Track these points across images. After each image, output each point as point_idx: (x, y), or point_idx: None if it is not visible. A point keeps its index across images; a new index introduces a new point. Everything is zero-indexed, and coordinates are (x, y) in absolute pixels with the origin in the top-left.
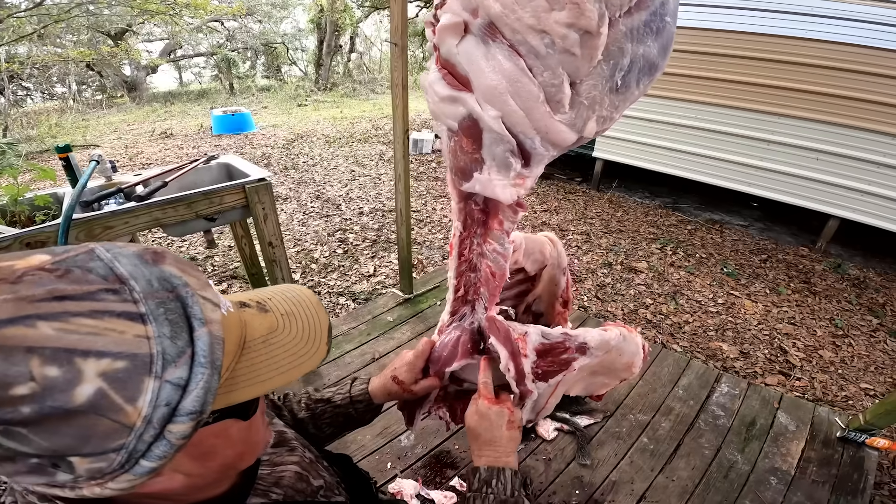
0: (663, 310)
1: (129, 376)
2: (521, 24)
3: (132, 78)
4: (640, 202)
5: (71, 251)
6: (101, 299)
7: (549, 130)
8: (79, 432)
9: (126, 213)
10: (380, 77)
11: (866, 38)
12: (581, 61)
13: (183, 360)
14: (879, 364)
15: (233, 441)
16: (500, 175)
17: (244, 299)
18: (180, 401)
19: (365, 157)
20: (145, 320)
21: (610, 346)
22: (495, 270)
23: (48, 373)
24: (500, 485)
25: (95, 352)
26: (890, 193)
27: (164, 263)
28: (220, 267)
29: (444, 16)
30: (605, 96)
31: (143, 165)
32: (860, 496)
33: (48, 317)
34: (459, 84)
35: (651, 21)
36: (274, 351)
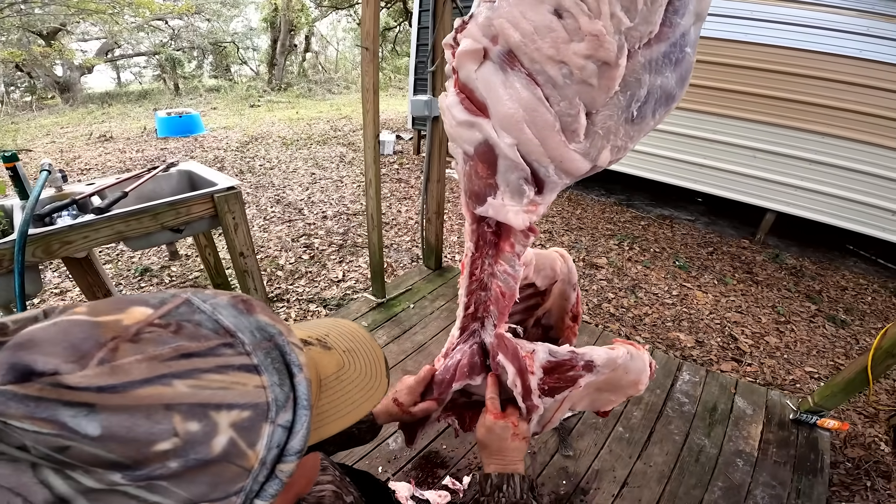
0: (624, 303)
1: (253, 424)
2: (540, 54)
3: (65, 78)
4: (596, 199)
5: (169, 302)
6: (221, 354)
7: (563, 159)
8: (211, 480)
9: (86, 226)
10: (336, 77)
11: (794, 41)
12: (598, 92)
13: (289, 404)
14: (820, 348)
15: (307, 470)
16: (514, 201)
17: (304, 336)
18: (287, 442)
19: (325, 159)
20: (259, 371)
21: (616, 365)
22: (505, 291)
23: (189, 427)
24: (511, 489)
25: (226, 405)
26: (820, 188)
27: (257, 313)
28: (178, 277)
29: (464, 41)
30: (621, 126)
31: (81, 171)
32: (819, 475)
33: (181, 375)
34: (477, 109)
35: (670, 52)
36: (346, 387)
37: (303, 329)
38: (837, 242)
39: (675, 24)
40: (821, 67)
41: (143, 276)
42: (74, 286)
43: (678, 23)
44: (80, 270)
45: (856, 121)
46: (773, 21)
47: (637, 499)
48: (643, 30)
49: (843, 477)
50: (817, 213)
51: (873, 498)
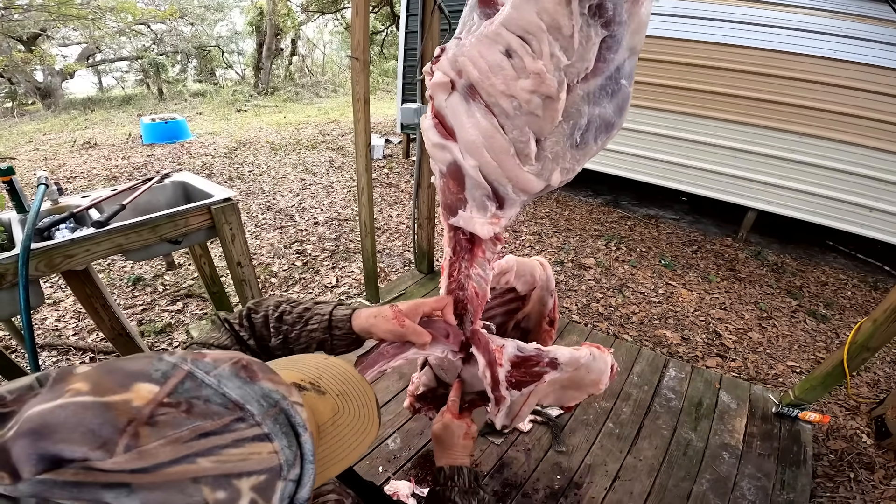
0: (612, 303)
1: (269, 484)
2: (494, 89)
3: (46, 84)
4: (584, 201)
5: (172, 377)
6: (235, 429)
7: (518, 179)
8: None
9: (87, 240)
10: (323, 80)
11: (772, 43)
12: (544, 122)
13: (297, 461)
14: (802, 343)
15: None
16: (480, 214)
17: (297, 380)
18: (296, 492)
19: (314, 164)
20: (271, 439)
21: (579, 364)
22: (479, 291)
23: (218, 496)
24: (462, 479)
25: (246, 472)
26: (800, 186)
27: (259, 380)
28: (172, 286)
29: (436, 72)
30: (567, 151)
31: (67, 179)
32: (803, 467)
33: (203, 453)
34: (447, 133)
35: (606, 85)
36: (342, 431)
37: (294, 371)
38: (818, 239)
39: (609, 59)
40: (798, 69)
41: (137, 285)
42: (67, 296)
43: (612, 58)
44: (77, 282)
45: (833, 121)
46: (752, 23)
47: (628, 491)
48: (580, 66)
49: (827, 469)
50: (797, 211)
51: (857, 489)
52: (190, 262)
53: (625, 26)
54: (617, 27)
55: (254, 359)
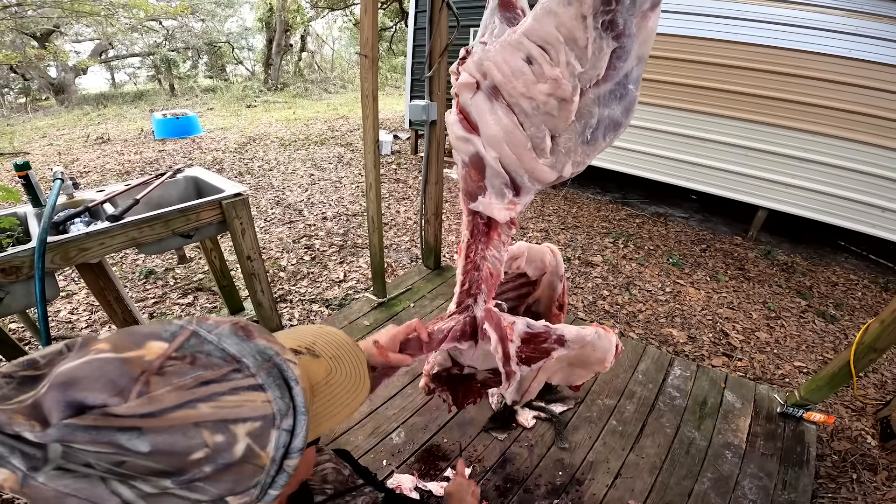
0: (619, 300)
1: (263, 431)
2: (515, 91)
3: (59, 80)
4: (592, 198)
5: (179, 335)
6: (232, 379)
7: (534, 170)
8: (235, 478)
9: (102, 234)
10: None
11: (785, 41)
12: (559, 121)
13: (290, 412)
14: (810, 343)
15: (307, 461)
16: (498, 200)
17: (294, 346)
18: (291, 442)
19: (323, 160)
20: (264, 389)
21: (585, 342)
22: (493, 271)
23: (216, 439)
24: None
25: (242, 419)
26: (811, 185)
27: (255, 338)
28: (183, 280)
29: (463, 73)
30: (579, 147)
31: (80, 174)
32: (805, 467)
33: (203, 399)
34: (471, 128)
35: (615, 90)
36: (335, 390)
37: (292, 339)
38: (829, 239)
39: (619, 67)
40: (811, 67)
41: (148, 278)
42: (80, 289)
43: (621, 66)
44: (91, 275)
45: (847, 119)
46: (765, 21)
47: (630, 489)
48: (592, 73)
49: (830, 469)
50: (809, 210)
51: (859, 490)
52: (201, 255)
53: (634, 38)
54: (626, 39)
55: (252, 322)
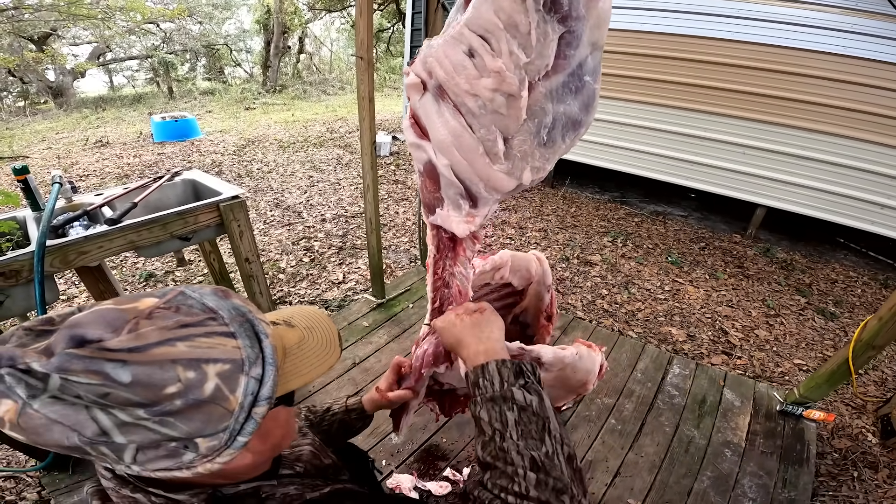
0: (618, 299)
1: (232, 374)
2: (459, 89)
3: (57, 83)
4: (591, 197)
5: (170, 293)
6: (208, 325)
7: (489, 178)
8: (204, 417)
9: (100, 237)
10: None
11: (782, 39)
12: (509, 120)
13: (259, 361)
14: (809, 340)
15: (281, 423)
16: (455, 212)
17: (273, 319)
18: (259, 390)
19: (322, 161)
20: (235, 336)
21: (564, 364)
22: (462, 289)
23: (188, 375)
24: (486, 382)
25: (213, 359)
26: (810, 183)
27: (232, 298)
28: (182, 282)
29: (410, 74)
30: (535, 150)
31: (80, 177)
32: (806, 465)
33: (181, 338)
34: (422, 133)
35: (569, 82)
36: (306, 353)
37: (272, 314)
38: (828, 236)
39: (570, 55)
40: (809, 65)
41: (148, 281)
42: (81, 292)
43: (572, 54)
44: (91, 278)
45: (845, 117)
46: (763, 20)
47: (629, 487)
48: (539, 63)
49: (830, 467)
50: (808, 208)
51: (860, 488)
52: (200, 258)
53: (583, 21)
54: (575, 23)
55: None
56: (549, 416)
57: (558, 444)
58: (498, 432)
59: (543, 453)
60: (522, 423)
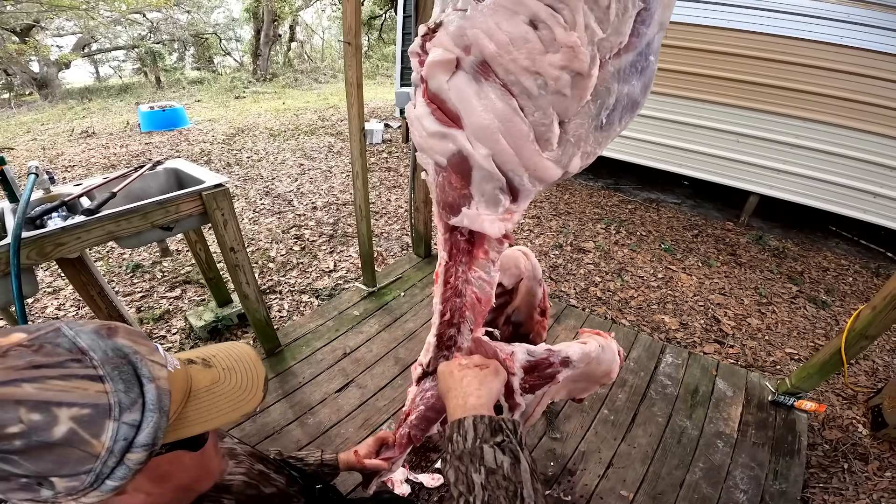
0: (611, 287)
1: (94, 419)
2: (516, 65)
3: (42, 74)
4: (584, 184)
5: (42, 329)
6: (68, 367)
7: (537, 168)
8: (57, 459)
9: (77, 228)
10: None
11: (775, 28)
12: (571, 101)
13: (136, 407)
14: (801, 329)
15: (186, 467)
16: (489, 210)
17: (192, 356)
18: (135, 436)
19: (313, 149)
20: (104, 380)
21: (590, 358)
22: (481, 296)
23: (32, 417)
24: (459, 437)
25: (67, 403)
26: (803, 171)
27: (117, 337)
28: (170, 273)
29: (434, 50)
30: (591, 133)
31: (65, 168)
32: (797, 456)
33: (30, 380)
34: (449, 120)
35: (637, 61)
36: (216, 398)
37: (197, 352)
38: (820, 224)
39: (642, 33)
40: (802, 54)
41: (135, 272)
42: (67, 284)
43: (644, 32)
44: (72, 270)
45: (838, 106)
46: (756, 8)
47: (622, 479)
48: (614, 40)
49: (821, 459)
50: (801, 196)
51: (851, 480)
52: (187, 248)
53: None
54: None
55: (128, 327)
56: (524, 481)
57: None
58: (462, 496)
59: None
60: (490, 488)
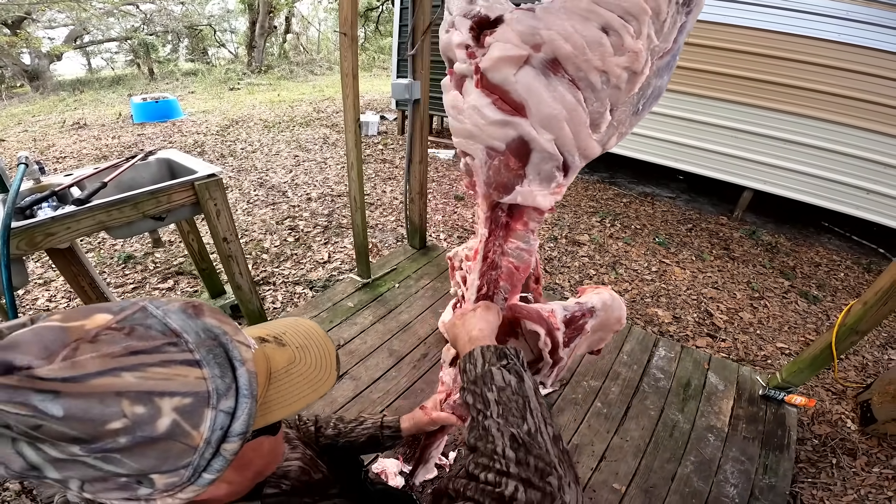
0: (605, 280)
1: (194, 409)
2: (588, 65)
3: (33, 66)
4: (580, 177)
5: (127, 309)
6: (166, 351)
7: (586, 148)
8: (160, 454)
9: (67, 217)
10: (318, 58)
11: (772, 24)
12: (622, 94)
13: (230, 393)
14: (792, 324)
15: (264, 453)
16: (542, 186)
17: (262, 334)
18: (230, 425)
19: (308, 141)
20: (201, 365)
21: (607, 305)
22: (519, 265)
23: (136, 410)
24: (471, 365)
25: (169, 392)
26: (796, 167)
27: (204, 316)
28: (162, 264)
29: (499, 45)
30: (628, 118)
31: (57, 159)
32: (786, 451)
33: (129, 368)
34: (513, 109)
35: (671, 62)
36: (294, 379)
37: (264, 328)
38: (813, 220)
39: (679, 40)
40: (800, 50)
41: (127, 263)
42: (58, 276)
43: (680, 39)
44: (63, 261)
45: (834, 103)
46: (755, 4)
47: (614, 472)
48: (663, 46)
49: (810, 454)
50: (794, 192)
51: (839, 475)
52: (180, 239)
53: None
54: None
55: (209, 305)
56: (529, 395)
57: (542, 423)
58: (480, 413)
59: (525, 431)
60: (502, 403)
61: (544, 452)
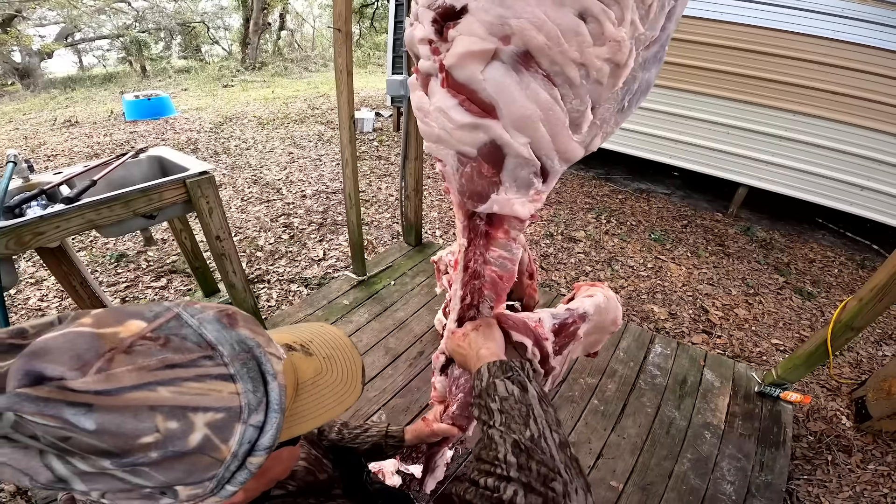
0: (601, 276)
1: (226, 424)
2: (564, 57)
3: (24, 64)
4: (575, 174)
5: (161, 317)
6: (201, 365)
7: (566, 150)
8: (188, 468)
9: (56, 216)
10: (313, 55)
11: (766, 21)
12: (605, 89)
13: (261, 407)
14: (787, 320)
15: (282, 461)
16: (519, 194)
17: (288, 341)
18: (258, 439)
19: (303, 138)
20: (235, 380)
21: (601, 308)
22: (502, 274)
23: (170, 426)
24: (478, 381)
25: (203, 408)
26: (791, 163)
27: (238, 327)
28: (155, 262)
29: (463, 39)
30: (613, 116)
31: (48, 157)
32: (782, 448)
33: (164, 382)
34: (483, 111)
35: (658, 52)
36: (321, 391)
37: (291, 333)
38: (807, 216)
39: (667, 28)
40: (795, 48)
41: (119, 262)
42: (50, 275)
43: (668, 27)
44: (54, 260)
45: (828, 100)
46: (749, 0)
47: (612, 469)
48: (649, 35)
49: (806, 451)
50: (789, 188)
51: (834, 472)
52: (172, 237)
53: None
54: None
55: (242, 312)
56: (533, 403)
57: (546, 430)
58: (485, 423)
59: (527, 437)
60: (505, 411)
61: (548, 458)
